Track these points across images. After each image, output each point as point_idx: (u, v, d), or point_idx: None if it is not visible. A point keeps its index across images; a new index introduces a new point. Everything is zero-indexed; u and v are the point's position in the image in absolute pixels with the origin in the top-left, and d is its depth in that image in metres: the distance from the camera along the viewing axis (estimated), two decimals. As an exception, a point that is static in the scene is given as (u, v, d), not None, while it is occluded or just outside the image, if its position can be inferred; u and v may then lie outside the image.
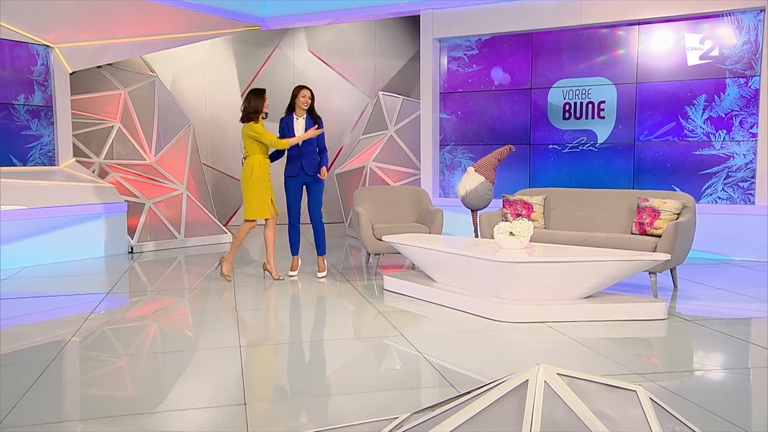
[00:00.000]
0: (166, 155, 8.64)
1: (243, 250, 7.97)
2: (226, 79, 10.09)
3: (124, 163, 8.27)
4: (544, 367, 1.99)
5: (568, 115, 7.49)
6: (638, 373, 3.14)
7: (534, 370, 2.00)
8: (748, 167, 6.58)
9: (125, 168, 8.21)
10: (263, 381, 3.24)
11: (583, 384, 2.03)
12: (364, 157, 9.16)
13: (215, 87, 10.06)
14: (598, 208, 5.61)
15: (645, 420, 1.86)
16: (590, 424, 1.78)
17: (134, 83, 8.74)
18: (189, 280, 6.13)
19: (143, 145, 8.53)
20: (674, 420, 1.95)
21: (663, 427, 1.85)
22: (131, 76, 8.81)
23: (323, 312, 4.78)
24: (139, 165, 8.36)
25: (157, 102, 8.75)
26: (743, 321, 4.39)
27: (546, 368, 1.99)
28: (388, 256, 6.57)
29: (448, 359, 3.57)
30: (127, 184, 7.92)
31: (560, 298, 4.28)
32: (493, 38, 7.83)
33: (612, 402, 1.94)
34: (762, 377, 3.32)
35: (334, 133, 10.54)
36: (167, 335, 4.20)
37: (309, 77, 10.40)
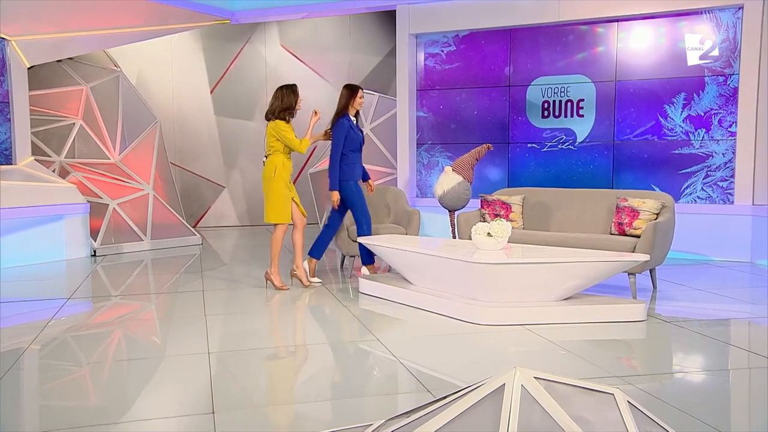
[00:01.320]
0: (131, 154, 8.53)
1: (214, 252, 7.91)
2: (194, 75, 10.00)
3: (87, 162, 8.15)
4: (521, 371, 2.02)
5: (547, 114, 7.57)
6: (617, 376, 3.19)
7: (511, 374, 2.02)
8: (727, 166, 6.72)
9: (87, 167, 8.09)
10: (232, 389, 3.22)
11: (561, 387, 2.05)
12: (339, 156, 9.14)
13: (183, 83, 9.96)
14: (578, 208, 5.69)
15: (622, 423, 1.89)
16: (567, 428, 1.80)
17: (97, 78, 8.61)
18: (156, 285, 6.06)
19: (107, 143, 8.41)
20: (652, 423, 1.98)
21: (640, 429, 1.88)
22: (93, 71, 8.68)
23: (296, 316, 4.77)
24: (102, 164, 8.24)
25: (121, 98, 8.63)
26: (723, 322, 4.48)
27: (523, 372, 2.02)
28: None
29: (424, 363, 3.59)
30: (90, 184, 7.79)
31: (539, 300, 4.33)
32: (471, 34, 7.88)
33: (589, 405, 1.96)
34: (741, 379, 3.39)
35: (308, 131, 10.51)
36: (132, 342, 4.14)
37: (281, 73, 10.36)
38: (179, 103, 9.97)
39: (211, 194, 10.19)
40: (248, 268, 6.79)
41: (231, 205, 10.32)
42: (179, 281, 6.11)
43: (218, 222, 10.21)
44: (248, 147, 10.30)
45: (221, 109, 10.13)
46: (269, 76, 10.31)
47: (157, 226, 7.95)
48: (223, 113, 10.16)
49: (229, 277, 6.34)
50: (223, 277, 6.34)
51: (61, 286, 5.89)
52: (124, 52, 9.40)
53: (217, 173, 10.20)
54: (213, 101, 10.09)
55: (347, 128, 5.56)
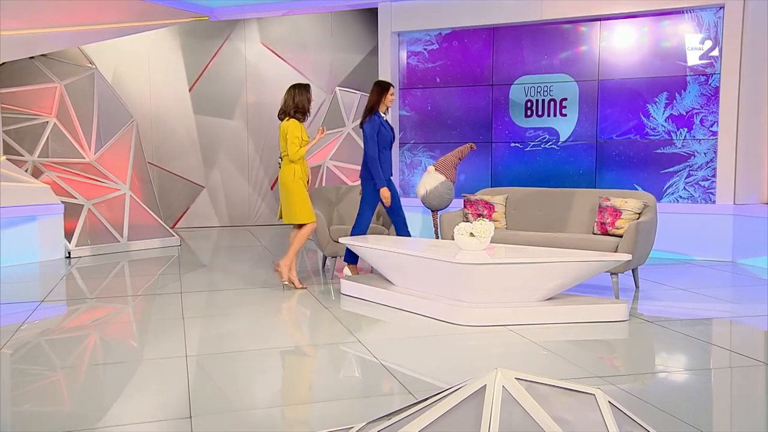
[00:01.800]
0: (107, 153, 8.44)
1: (193, 254, 7.86)
2: (172, 73, 9.92)
3: (61, 161, 8.05)
4: (502, 372, 2.03)
5: (530, 113, 7.63)
6: (599, 376, 3.23)
7: (492, 375, 2.03)
8: (708, 166, 6.82)
9: (62, 167, 7.99)
10: (210, 392, 3.20)
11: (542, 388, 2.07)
12: (321, 155, 9.14)
13: (161, 81, 9.88)
14: (561, 208, 5.74)
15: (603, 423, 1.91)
16: (548, 429, 1.82)
17: (71, 76, 8.51)
18: (133, 287, 6.00)
19: (81, 143, 8.31)
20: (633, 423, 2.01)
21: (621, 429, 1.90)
22: (68, 68, 8.58)
23: (276, 318, 4.75)
24: (77, 163, 8.14)
25: (96, 96, 8.54)
26: (704, 321, 4.55)
27: (504, 373, 2.03)
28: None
29: (406, 365, 3.60)
30: (64, 184, 7.70)
31: (521, 301, 4.36)
32: (454, 32, 7.91)
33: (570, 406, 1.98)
34: (722, 378, 3.45)
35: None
36: (108, 346, 4.10)
37: (262, 71, 10.32)
38: (157, 102, 9.89)
39: (189, 194, 10.12)
40: (228, 270, 6.75)
41: (210, 206, 10.25)
42: (157, 283, 6.07)
43: (197, 223, 10.15)
44: (228, 146, 10.25)
45: (200, 107, 10.06)
46: (249, 74, 10.26)
47: (134, 226, 7.88)
48: (202, 112, 10.09)
49: (208, 279, 6.30)
50: (201, 278, 6.30)
51: (34, 288, 5.81)
52: (99, 49, 9.30)
53: (196, 173, 10.13)
54: (192, 99, 10.02)
55: (378, 125, 5.55)
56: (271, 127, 10.37)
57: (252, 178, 10.41)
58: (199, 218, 10.17)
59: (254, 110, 10.32)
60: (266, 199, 10.48)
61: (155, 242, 7.95)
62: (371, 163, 5.54)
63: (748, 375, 3.40)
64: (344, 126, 9.36)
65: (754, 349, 3.99)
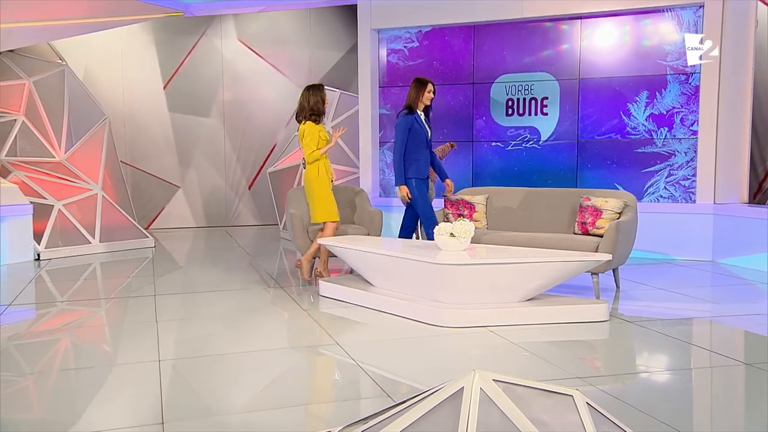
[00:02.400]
0: (79, 152, 8.33)
1: (168, 255, 7.79)
2: (146, 70, 9.83)
3: (30, 160, 7.93)
4: (480, 374, 2.05)
5: (511, 111, 7.68)
6: (579, 377, 3.26)
7: (470, 377, 2.05)
8: (689, 165, 6.92)
9: (31, 166, 7.87)
10: (184, 398, 3.18)
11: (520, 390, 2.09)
12: (299, 154, 9.09)
13: (135, 78, 9.78)
14: (542, 208, 5.78)
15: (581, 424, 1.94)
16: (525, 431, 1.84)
17: (40, 72, 8.39)
18: (105, 290, 5.94)
19: (51, 141, 8.19)
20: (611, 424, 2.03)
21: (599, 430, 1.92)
22: (37, 65, 8.46)
23: (253, 321, 4.73)
24: (46, 163, 8.03)
25: (67, 93, 8.43)
26: (684, 321, 4.61)
27: (482, 375, 2.05)
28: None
29: (385, 367, 3.60)
30: (33, 183, 7.59)
31: (502, 301, 4.38)
32: (434, 30, 7.94)
33: (548, 407, 2.00)
34: (702, 378, 3.50)
35: (267, 130, 10.45)
36: (79, 350, 4.06)
37: (239, 68, 10.26)
38: (130, 99, 9.79)
39: (165, 194, 10.04)
40: (204, 272, 6.71)
41: (186, 206, 10.18)
42: (130, 286, 6.01)
43: (173, 223, 10.07)
44: (205, 145, 10.18)
45: (175, 105, 9.98)
46: (226, 71, 10.20)
47: (107, 227, 7.79)
48: (178, 109, 10.01)
49: (183, 281, 6.26)
50: (177, 281, 6.26)
51: (1, 291, 5.72)
52: (70, 45, 9.19)
53: (171, 172, 10.05)
54: (166, 97, 9.94)
55: (411, 123, 5.56)
56: (248, 125, 10.33)
57: (229, 178, 10.35)
58: (174, 219, 10.09)
59: (231, 108, 10.26)
60: (244, 199, 10.43)
61: (128, 244, 7.87)
62: (394, 159, 5.66)
63: (727, 375, 3.46)
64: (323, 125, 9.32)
65: (734, 349, 4.06)
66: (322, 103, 5.56)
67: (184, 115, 10.04)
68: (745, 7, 6.65)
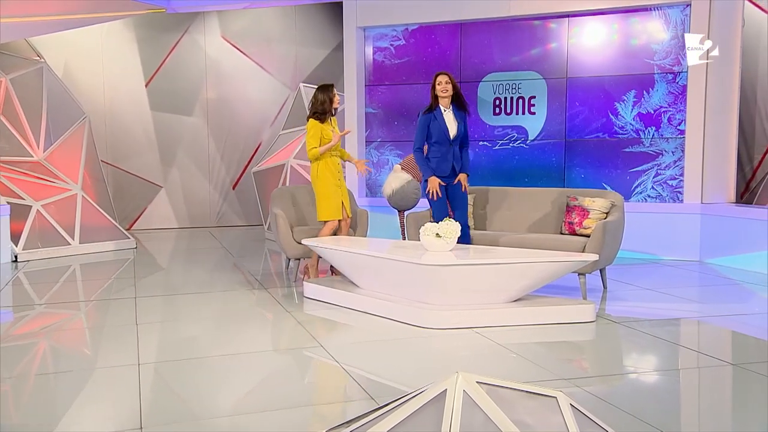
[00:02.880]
0: (58, 151, 8.25)
1: (150, 256, 7.74)
2: (128, 67, 9.76)
3: (7, 160, 7.85)
4: (464, 376, 2.05)
5: (498, 111, 7.70)
6: (565, 378, 3.27)
7: (453, 379, 2.05)
8: (676, 165, 6.97)
9: (8, 166, 7.79)
10: (163, 402, 3.15)
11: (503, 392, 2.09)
12: (284, 153, 9.09)
13: (116, 76, 9.71)
14: (528, 208, 5.80)
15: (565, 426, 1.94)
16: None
17: (18, 70, 8.30)
18: (85, 292, 5.89)
19: (29, 140, 8.11)
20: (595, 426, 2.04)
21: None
22: (14, 62, 8.37)
23: (236, 323, 4.70)
24: (24, 162, 7.95)
25: (45, 91, 8.35)
26: (671, 322, 4.64)
27: (465, 376, 2.05)
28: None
29: (370, 370, 3.60)
30: (10, 183, 7.51)
31: (488, 302, 4.39)
32: (421, 28, 7.94)
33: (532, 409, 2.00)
34: (688, 379, 3.53)
35: (252, 129, 10.42)
36: (57, 354, 4.02)
37: (223, 66, 10.21)
38: (111, 97, 9.71)
39: (147, 194, 9.97)
40: (187, 273, 6.67)
41: (169, 206, 10.12)
42: (111, 288, 5.96)
43: (155, 224, 10.00)
44: (187, 144, 10.12)
45: (157, 103, 9.92)
46: (209, 69, 10.15)
47: (87, 228, 7.72)
48: (160, 108, 9.95)
49: (165, 283, 6.22)
50: (158, 283, 6.22)
51: (-21, 295, 5.65)
52: (49, 41, 9.10)
53: (153, 172, 9.98)
54: (148, 95, 9.88)
55: (430, 119, 5.38)
56: (232, 124, 10.28)
57: (213, 177, 10.30)
58: (157, 219, 10.02)
59: (215, 106, 10.21)
60: (228, 199, 10.38)
61: (109, 245, 7.81)
62: (414, 154, 5.53)
63: (714, 376, 3.48)
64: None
65: (721, 350, 4.09)
66: (329, 102, 5.64)
67: (166, 114, 9.98)
68: (732, 6, 6.71)
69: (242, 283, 5.94)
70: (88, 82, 9.56)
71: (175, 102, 10.00)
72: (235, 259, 7.48)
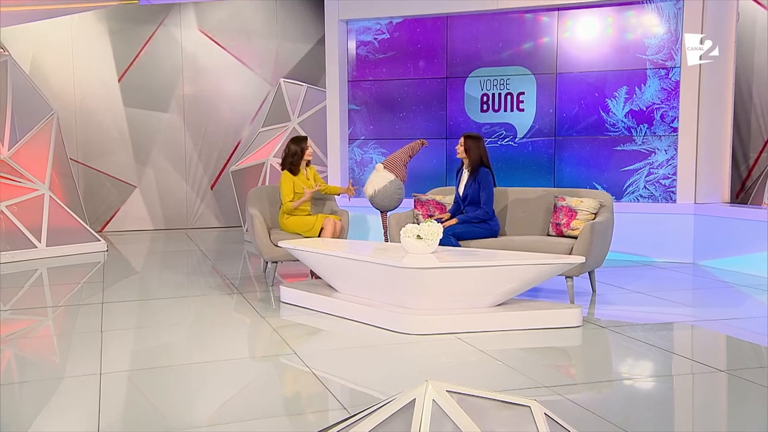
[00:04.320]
0: (24, 149, 8.16)
1: (122, 260, 7.67)
2: (99, 61, 9.68)
3: (-30, 158, 7.76)
4: (433, 384, 2.03)
5: (486, 107, 7.70)
6: (546, 386, 3.26)
7: (422, 388, 2.03)
8: (669, 163, 7.00)
9: (-29, 165, 7.70)
10: (125, 414, 3.12)
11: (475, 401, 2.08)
12: (264, 152, 9.05)
13: (86, 70, 9.63)
14: (515, 209, 5.80)
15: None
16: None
17: (-20, 64, 8.21)
18: (52, 297, 5.83)
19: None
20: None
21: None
22: (-23, 56, 8.28)
23: (207, 330, 4.66)
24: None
25: (10, 86, 8.25)
26: (661, 326, 4.64)
27: (435, 385, 2.03)
28: (292, 263, 6.48)
29: (345, 378, 3.58)
30: (-27, 183, 7.43)
31: (471, 307, 4.38)
32: (406, 21, 7.93)
33: (504, 419, 1.99)
34: (676, 386, 3.53)
35: (231, 126, 10.37)
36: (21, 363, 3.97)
37: (200, 61, 10.16)
38: (82, 93, 9.63)
39: (120, 195, 9.89)
40: (159, 277, 6.63)
41: (144, 207, 10.05)
42: (79, 293, 5.91)
43: (129, 226, 9.93)
44: (163, 142, 10.06)
45: (131, 99, 9.85)
46: (186, 64, 10.09)
47: (54, 230, 7.64)
48: (134, 104, 9.88)
49: (136, 288, 6.17)
50: (129, 287, 6.16)
51: (-62, 300, 5.58)
52: (14, 33, 9.00)
53: (127, 171, 9.91)
54: (121, 90, 9.80)
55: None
56: (210, 121, 10.23)
57: (190, 177, 10.24)
58: (130, 221, 9.95)
59: (192, 103, 10.15)
60: (205, 199, 10.33)
61: (78, 248, 7.74)
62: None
63: (702, 383, 3.49)
64: (289, 120, 9.29)
65: (711, 356, 4.10)
66: (300, 153, 5.97)
67: (140, 110, 9.91)
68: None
69: (218, 287, 5.90)
70: (57, 77, 9.47)
71: (149, 98, 9.93)
72: (212, 262, 7.44)
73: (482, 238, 5.40)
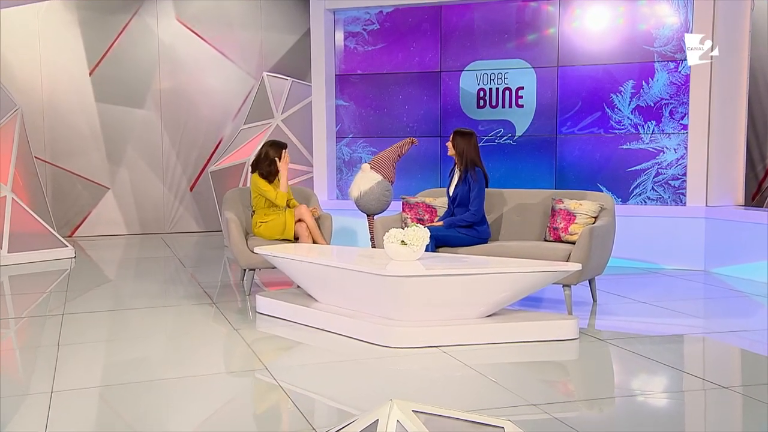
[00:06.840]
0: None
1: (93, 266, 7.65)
2: (69, 53, 9.67)
3: (-73, 158, 7.74)
4: (398, 404, 2.01)
5: (482, 103, 7.69)
6: (533, 404, 3.24)
7: (386, 408, 2.01)
8: (679, 163, 6.98)
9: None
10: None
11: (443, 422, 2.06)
12: (245, 151, 9.03)
13: (54, 63, 9.62)
14: (511, 212, 5.78)
15: (510, 460, 1.91)
16: (440, 469, 1.80)
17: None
18: (14, 308, 5.80)
19: (-49, 136, 8.01)
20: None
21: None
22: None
23: (174, 344, 4.64)
24: (-53, 161, 7.85)
25: (-29, 81, 8.25)
26: (665, 339, 4.60)
27: (400, 405, 2.01)
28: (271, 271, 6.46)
29: (318, 395, 3.57)
30: (-69, 185, 7.41)
31: (458, 318, 4.36)
32: (396, 11, 7.92)
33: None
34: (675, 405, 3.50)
35: (212, 123, 10.36)
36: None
37: (178, 53, 10.15)
38: (50, 88, 9.62)
39: (91, 197, 9.88)
40: (132, 286, 6.61)
41: (117, 210, 10.03)
42: (42, 304, 5.89)
43: (101, 230, 9.90)
44: (138, 140, 10.04)
45: (103, 94, 9.84)
46: (163, 56, 10.08)
47: (17, 235, 7.62)
48: (106, 99, 9.86)
49: (105, 297, 6.15)
50: (97, 297, 6.14)
51: None
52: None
53: (99, 172, 9.89)
54: (93, 85, 9.79)
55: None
56: (189, 118, 10.21)
57: (167, 178, 10.23)
58: (103, 225, 9.93)
59: (169, 98, 10.14)
60: (184, 202, 10.31)
61: (43, 254, 7.71)
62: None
63: (700, 401, 3.46)
64: (272, 117, 9.27)
65: (713, 372, 4.07)
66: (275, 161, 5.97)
67: (113, 106, 9.89)
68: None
69: (193, 296, 5.87)
70: (22, 70, 9.46)
71: (123, 92, 9.91)
72: (189, 269, 7.41)
73: (469, 246, 5.35)
